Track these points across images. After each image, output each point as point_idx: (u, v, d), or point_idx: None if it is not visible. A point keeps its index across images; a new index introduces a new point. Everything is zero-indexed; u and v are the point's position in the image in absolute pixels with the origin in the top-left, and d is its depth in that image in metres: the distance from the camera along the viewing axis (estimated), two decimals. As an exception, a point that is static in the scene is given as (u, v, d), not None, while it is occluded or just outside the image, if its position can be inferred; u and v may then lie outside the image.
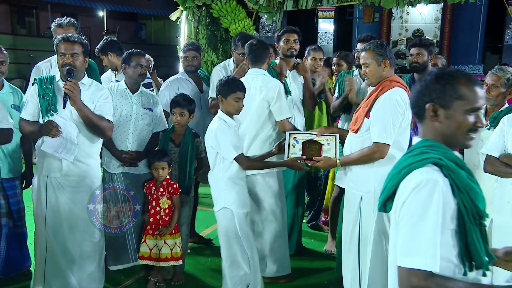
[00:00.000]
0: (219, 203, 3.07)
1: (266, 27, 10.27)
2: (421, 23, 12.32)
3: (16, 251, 3.56)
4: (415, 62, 3.76)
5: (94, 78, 3.43)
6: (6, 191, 3.44)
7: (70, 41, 2.96)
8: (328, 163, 3.02)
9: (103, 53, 4.23)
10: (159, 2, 17.54)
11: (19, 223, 3.55)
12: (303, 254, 4.15)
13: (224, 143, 2.97)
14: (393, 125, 2.75)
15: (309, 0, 5.55)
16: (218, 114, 3.08)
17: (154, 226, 3.36)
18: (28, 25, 14.96)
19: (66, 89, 2.87)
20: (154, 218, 3.37)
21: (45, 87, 2.98)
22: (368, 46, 2.88)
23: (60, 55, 2.96)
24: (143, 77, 3.51)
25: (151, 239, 3.36)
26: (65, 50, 2.94)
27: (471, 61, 10.49)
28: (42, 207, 3.05)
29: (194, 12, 6.37)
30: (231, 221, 3.04)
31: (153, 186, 3.39)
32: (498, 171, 2.62)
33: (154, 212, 3.37)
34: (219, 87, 3.05)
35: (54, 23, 3.55)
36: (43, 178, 3.06)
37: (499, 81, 3.01)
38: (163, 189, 3.36)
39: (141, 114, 3.52)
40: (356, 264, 2.96)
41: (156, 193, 3.36)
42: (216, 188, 3.10)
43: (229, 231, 3.07)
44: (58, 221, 3.06)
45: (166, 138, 3.50)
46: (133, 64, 3.45)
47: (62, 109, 2.95)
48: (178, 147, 3.48)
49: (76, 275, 3.12)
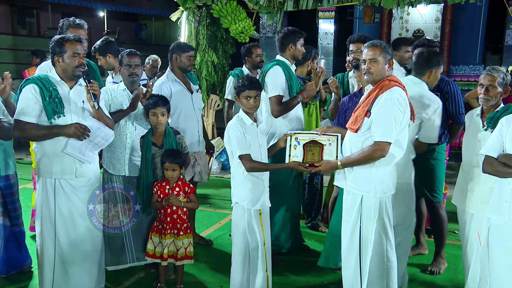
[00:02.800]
0: (234, 198, 3.16)
1: (267, 27, 10.26)
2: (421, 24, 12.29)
3: (14, 249, 3.56)
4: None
5: (97, 79, 3.45)
6: (2, 190, 3.43)
7: (82, 41, 2.98)
8: (329, 166, 3.02)
9: (100, 53, 4.19)
10: (160, 3, 17.53)
11: (16, 222, 3.55)
12: (303, 254, 4.15)
13: (232, 140, 3.06)
14: (395, 123, 2.77)
15: (309, 1, 5.55)
16: (239, 112, 3.19)
17: (172, 226, 3.33)
18: (29, 25, 14.96)
19: (94, 90, 2.92)
20: (171, 217, 3.32)
21: (51, 88, 2.92)
22: (378, 43, 2.88)
23: (73, 56, 2.92)
24: (134, 76, 3.46)
25: (167, 238, 3.32)
26: (78, 50, 2.93)
27: (471, 61, 10.49)
28: (50, 210, 3.00)
29: (195, 13, 6.37)
30: (242, 217, 3.10)
31: (166, 185, 3.35)
32: (497, 171, 2.62)
33: (171, 212, 3.32)
34: (235, 87, 3.17)
35: (65, 23, 3.54)
36: (51, 181, 3.00)
37: (495, 81, 3.05)
38: (179, 188, 3.36)
39: (139, 114, 3.52)
40: (358, 264, 2.96)
41: (172, 192, 3.34)
42: (233, 183, 3.18)
43: (238, 227, 3.13)
44: (68, 222, 3.03)
45: (148, 143, 3.41)
46: (124, 64, 3.46)
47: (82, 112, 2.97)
48: (161, 148, 3.43)
49: (77, 275, 3.12)
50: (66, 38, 2.95)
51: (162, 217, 3.35)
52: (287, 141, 3.17)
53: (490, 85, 3.06)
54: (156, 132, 3.44)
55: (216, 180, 6.61)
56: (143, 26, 18.89)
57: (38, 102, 2.89)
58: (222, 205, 5.56)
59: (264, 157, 3.19)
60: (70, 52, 2.92)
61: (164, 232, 3.33)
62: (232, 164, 3.17)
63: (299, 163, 3.07)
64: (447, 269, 3.92)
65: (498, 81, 3.05)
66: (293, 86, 3.81)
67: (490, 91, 3.06)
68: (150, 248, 3.37)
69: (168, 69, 4.10)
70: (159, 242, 3.34)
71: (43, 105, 2.89)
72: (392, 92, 2.78)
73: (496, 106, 3.11)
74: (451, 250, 4.20)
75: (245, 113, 3.13)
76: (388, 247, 2.94)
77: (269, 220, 3.24)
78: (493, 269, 2.71)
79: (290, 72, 3.84)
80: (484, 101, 3.11)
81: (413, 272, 3.83)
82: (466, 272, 3.28)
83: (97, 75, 3.53)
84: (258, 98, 3.12)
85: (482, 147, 2.83)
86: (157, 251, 3.35)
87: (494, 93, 3.05)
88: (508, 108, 3.03)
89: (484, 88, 3.08)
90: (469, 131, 3.30)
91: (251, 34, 6.44)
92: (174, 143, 3.45)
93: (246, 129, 3.08)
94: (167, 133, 3.45)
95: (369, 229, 2.90)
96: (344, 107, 3.61)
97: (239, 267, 3.14)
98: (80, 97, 3.03)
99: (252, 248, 3.10)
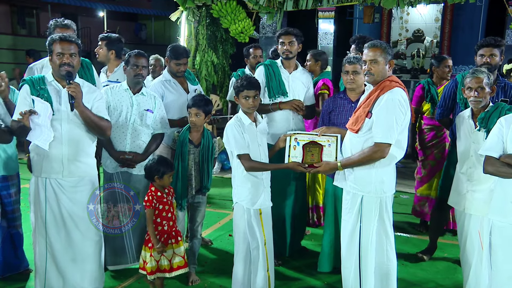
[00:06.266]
0: (234, 198, 3.18)
1: (266, 27, 10.26)
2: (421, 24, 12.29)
3: (10, 251, 3.53)
4: (487, 63, 3.48)
5: (89, 78, 3.41)
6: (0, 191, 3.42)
7: (68, 40, 2.93)
8: (329, 167, 3.02)
9: (107, 45, 4.06)
10: (159, 3, 17.53)
11: (13, 224, 3.52)
12: (303, 254, 4.15)
13: (231, 140, 3.07)
14: (396, 124, 2.77)
15: (309, 1, 5.56)
16: (238, 112, 3.21)
17: (167, 236, 3.25)
18: (28, 25, 14.96)
19: (72, 91, 2.86)
20: (168, 226, 3.26)
21: (39, 88, 2.93)
22: (378, 44, 2.89)
23: (57, 55, 2.91)
24: (139, 77, 3.48)
25: (168, 249, 3.23)
26: (63, 49, 2.90)
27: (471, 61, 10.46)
28: (42, 209, 3.03)
29: (194, 13, 6.37)
30: (242, 217, 3.11)
31: (159, 192, 3.25)
32: (500, 172, 2.62)
33: (167, 220, 3.26)
34: (234, 87, 3.20)
35: (52, 23, 3.53)
36: (42, 180, 3.02)
37: (482, 82, 3.10)
38: (171, 196, 3.35)
39: (140, 115, 3.52)
40: (357, 265, 2.96)
41: (171, 199, 3.32)
42: (233, 183, 3.19)
43: (239, 227, 3.14)
44: (59, 222, 3.05)
45: (185, 139, 3.47)
46: (131, 64, 3.47)
47: (70, 112, 2.93)
48: (197, 147, 3.49)
49: (77, 275, 3.12)
50: (53, 38, 2.96)
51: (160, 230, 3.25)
52: (287, 142, 3.16)
53: (479, 87, 3.11)
54: (192, 130, 3.50)
55: (216, 180, 6.60)
56: (143, 26, 18.89)
57: (28, 102, 2.92)
58: (222, 205, 5.55)
59: (263, 157, 3.19)
60: (55, 52, 2.92)
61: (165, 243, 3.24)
62: (232, 164, 3.17)
63: (298, 164, 3.08)
64: (447, 269, 3.93)
65: (485, 81, 3.10)
66: (273, 87, 3.79)
67: (480, 93, 3.11)
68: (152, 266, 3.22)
69: (166, 68, 4.10)
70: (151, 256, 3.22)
71: (33, 105, 2.90)
72: (393, 93, 2.79)
73: (485, 106, 3.16)
74: (451, 250, 4.20)
75: (244, 113, 3.15)
76: (388, 247, 2.94)
77: (270, 219, 3.23)
78: (496, 271, 2.71)
79: (275, 73, 3.81)
80: (475, 103, 3.15)
81: (413, 272, 3.83)
82: (465, 272, 3.28)
83: (91, 74, 3.49)
84: (257, 98, 3.13)
85: (479, 148, 2.84)
86: (161, 265, 3.23)
87: (483, 94, 3.11)
88: (498, 106, 3.09)
89: (474, 90, 3.12)
90: (461, 133, 3.31)
91: (250, 34, 6.44)
92: (211, 146, 3.53)
93: (245, 129, 3.09)
94: (205, 135, 3.52)
95: (370, 229, 2.90)
96: (328, 108, 3.60)
97: (240, 267, 3.14)
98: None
99: (253, 248, 3.10)
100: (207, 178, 3.56)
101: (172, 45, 4.03)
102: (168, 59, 3.94)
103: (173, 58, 3.90)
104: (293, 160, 3.11)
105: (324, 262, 3.73)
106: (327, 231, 3.69)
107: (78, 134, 3.03)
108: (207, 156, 3.52)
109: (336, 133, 3.14)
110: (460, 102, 3.68)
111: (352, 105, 3.44)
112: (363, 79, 3.35)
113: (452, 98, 3.77)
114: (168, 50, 3.95)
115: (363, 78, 3.34)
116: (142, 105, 3.53)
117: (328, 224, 3.69)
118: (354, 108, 3.38)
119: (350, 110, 3.38)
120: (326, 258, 3.71)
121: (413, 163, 5.23)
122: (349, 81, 3.39)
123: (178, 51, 3.92)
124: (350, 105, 3.47)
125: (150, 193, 3.22)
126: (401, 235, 4.58)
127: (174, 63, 3.90)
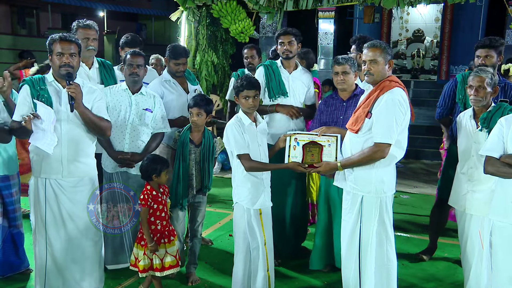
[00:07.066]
0: (234, 198, 3.18)
1: (266, 27, 10.25)
2: (421, 24, 12.31)
3: (10, 251, 3.53)
4: (483, 65, 3.44)
5: (111, 78, 3.46)
6: (1, 191, 3.42)
7: (68, 40, 2.92)
8: (329, 167, 3.02)
9: (127, 46, 4.15)
10: (159, 3, 17.54)
11: (15, 223, 3.52)
12: (303, 254, 4.15)
13: (230, 140, 3.08)
14: (396, 124, 2.77)
15: (309, 1, 5.56)
16: (238, 112, 3.21)
17: (159, 235, 3.26)
18: (29, 25, 14.98)
19: (71, 92, 2.85)
20: (161, 225, 3.26)
21: (39, 88, 2.93)
22: (378, 44, 2.90)
23: (57, 55, 2.90)
24: (135, 76, 3.47)
25: (161, 248, 3.23)
26: (63, 49, 2.90)
27: (471, 61, 10.52)
28: (41, 209, 3.02)
29: (194, 13, 6.37)
30: (242, 217, 3.11)
31: (155, 191, 3.25)
32: (500, 172, 2.61)
33: (160, 219, 3.26)
34: (234, 87, 3.21)
35: (75, 24, 3.57)
36: (41, 180, 3.02)
37: (484, 82, 3.10)
38: (165, 195, 3.35)
39: (139, 115, 3.52)
40: (357, 265, 2.97)
41: (165, 199, 3.32)
42: (233, 183, 3.19)
43: (239, 226, 3.14)
44: (59, 222, 3.05)
45: (185, 139, 3.47)
46: (127, 63, 3.48)
47: (69, 112, 2.93)
48: (198, 147, 3.49)
49: (77, 275, 3.12)
50: (53, 38, 2.95)
51: (154, 229, 3.25)
52: (287, 142, 3.16)
53: (480, 86, 3.11)
54: (193, 130, 3.49)
55: (216, 180, 6.59)
56: (143, 26, 18.92)
57: (27, 102, 2.92)
58: (222, 205, 5.55)
59: (263, 157, 3.19)
60: (55, 51, 2.91)
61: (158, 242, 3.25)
62: (232, 164, 3.18)
63: (298, 164, 3.08)
64: (447, 269, 3.93)
65: (487, 81, 3.10)
66: (273, 88, 3.79)
67: (480, 92, 3.11)
68: (145, 264, 3.23)
69: (165, 68, 4.10)
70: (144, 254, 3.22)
71: (33, 105, 2.91)
72: (393, 93, 2.79)
73: (487, 106, 3.16)
74: (451, 250, 4.20)
75: (244, 113, 3.15)
76: (388, 247, 2.94)
77: (271, 219, 3.23)
78: (497, 271, 2.71)
79: (275, 73, 3.81)
80: (475, 102, 3.15)
81: (413, 272, 3.84)
82: (465, 272, 3.28)
83: (111, 74, 3.54)
84: (257, 98, 3.13)
85: (480, 148, 2.83)
86: (154, 263, 3.23)
87: (484, 94, 3.11)
88: (500, 107, 3.09)
89: (474, 89, 3.12)
90: (462, 133, 3.31)
91: (251, 34, 6.45)
92: (212, 146, 3.53)
93: (245, 129, 3.09)
94: (206, 134, 3.51)
95: (370, 229, 2.90)
96: (321, 109, 3.61)
97: (240, 267, 3.14)
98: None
99: (253, 248, 3.10)
100: (208, 178, 3.56)
101: (171, 45, 4.03)
102: (168, 59, 3.94)
103: (172, 58, 3.89)
104: (293, 160, 3.11)
105: (315, 260, 3.74)
106: (319, 229, 3.70)
107: (77, 135, 3.03)
108: (208, 156, 3.52)
109: (336, 133, 3.14)
110: (459, 102, 3.68)
111: (343, 104, 3.49)
112: (353, 78, 3.43)
113: (452, 98, 3.78)
114: (168, 50, 3.95)
115: (353, 78, 3.42)
116: (141, 105, 3.53)
117: (321, 222, 3.70)
118: (346, 106, 3.44)
119: (341, 109, 3.45)
120: (318, 256, 3.72)
121: (413, 163, 5.22)
122: (340, 81, 3.42)
123: (177, 51, 3.91)
124: (341, 104, 3.50)
125: (146, 192, 3.23)
126: (401, 235, 4.58)
127: (173, 63, 3.90)
